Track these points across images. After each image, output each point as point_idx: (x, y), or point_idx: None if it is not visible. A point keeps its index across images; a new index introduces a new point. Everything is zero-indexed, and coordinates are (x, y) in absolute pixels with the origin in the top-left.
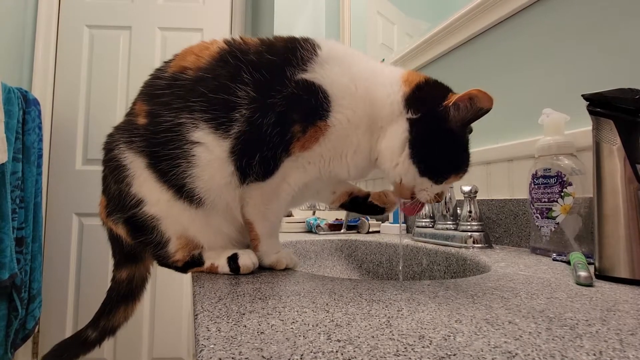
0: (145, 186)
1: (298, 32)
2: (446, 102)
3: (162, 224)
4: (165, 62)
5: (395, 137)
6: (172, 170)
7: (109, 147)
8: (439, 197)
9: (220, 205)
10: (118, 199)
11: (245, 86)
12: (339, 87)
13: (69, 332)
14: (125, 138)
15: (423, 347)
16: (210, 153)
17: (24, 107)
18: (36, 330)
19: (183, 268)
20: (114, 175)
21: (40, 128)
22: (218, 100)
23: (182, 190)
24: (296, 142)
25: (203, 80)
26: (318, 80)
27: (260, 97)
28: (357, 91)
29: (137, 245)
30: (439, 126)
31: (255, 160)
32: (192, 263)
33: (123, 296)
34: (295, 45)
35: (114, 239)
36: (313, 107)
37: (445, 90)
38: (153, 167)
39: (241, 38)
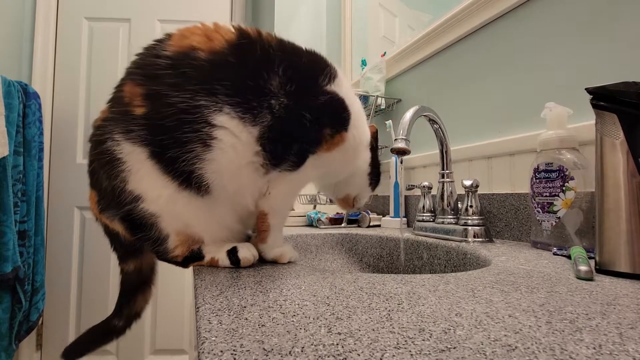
0: (145, 181)
1: (299, 25)
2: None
3: (162, 221)
4: (157, 41)
5: (367, 161)
6: (183, 156)
7: (99, 139)
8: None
9: (230, 190)
10: (111, 196)
11: (279, 78)
12: (356, 110)
13: (72, 324)
14: (121, 128)
15: (423, 340)
16: (232, 137)
17: (24, 101)
18: (40, 322)
19: (183, 263)
20: (105, 170)
21: (40, 121)
22: (249, 87)
23: (191, 177)
24: (325, 143)
25: (227, 65)
26: (343, 97)
27: (298, 94)
28: (362, 118)
29: (136, 241)
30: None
31: (290, 151)
32: (192, 258)
33: (137, 285)
34: (325, 60)
35: (111, 234)
36: (341, 117)
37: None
38: (158, 157)
39: (251, 29)
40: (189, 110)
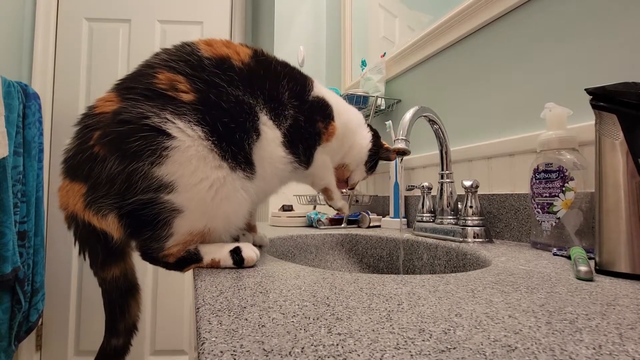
0: (193, 163)
1: (299, 25)
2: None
3: (182, 217)
4: (185, 44)
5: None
6: (243, 138)
7: (127, 117)
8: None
9: (268, 175)
10: (123, 182)
11: (287, 90)
12: (334, 102)
13: (72, 325)
14: (169, 109)
15: (423, 340)
16: (272, 132)
17: (24, 101)
18: (39, 323)
19: (176, 265)
20: (126, 151)
21: (40, 122)
22: (273, 96)
23: (243, 159)
24: (323, 135)
25: (257, 76)
26: (324, 96)
27: (299, 102)
28: (343, 107)
29: (127, 239)
30: None
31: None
32: (188, 259)
33: (126, 291)
34: (306, 75)
35: (93, 235)
36: (329, 111)
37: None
38: (217, 136)
39: (255, 47)
40: (244, 102)
